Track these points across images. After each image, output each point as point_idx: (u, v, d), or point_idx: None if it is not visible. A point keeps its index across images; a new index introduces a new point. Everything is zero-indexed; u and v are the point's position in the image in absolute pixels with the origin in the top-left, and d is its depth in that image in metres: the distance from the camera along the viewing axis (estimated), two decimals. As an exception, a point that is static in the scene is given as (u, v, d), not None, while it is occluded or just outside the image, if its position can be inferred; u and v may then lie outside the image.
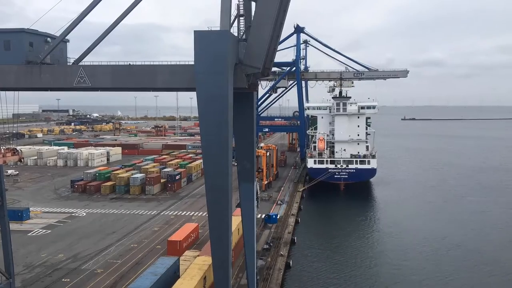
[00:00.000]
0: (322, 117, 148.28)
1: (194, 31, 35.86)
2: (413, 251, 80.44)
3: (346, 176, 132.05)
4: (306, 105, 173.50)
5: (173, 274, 53.48)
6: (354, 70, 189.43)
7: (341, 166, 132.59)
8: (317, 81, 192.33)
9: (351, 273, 70.57)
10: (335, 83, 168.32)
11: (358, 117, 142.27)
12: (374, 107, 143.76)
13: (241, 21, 43.81)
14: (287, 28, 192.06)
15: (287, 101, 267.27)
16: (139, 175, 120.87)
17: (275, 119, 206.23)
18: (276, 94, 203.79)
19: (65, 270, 64.09)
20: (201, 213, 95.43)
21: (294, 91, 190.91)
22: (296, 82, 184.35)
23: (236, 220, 65.12)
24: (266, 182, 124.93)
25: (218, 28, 36.63)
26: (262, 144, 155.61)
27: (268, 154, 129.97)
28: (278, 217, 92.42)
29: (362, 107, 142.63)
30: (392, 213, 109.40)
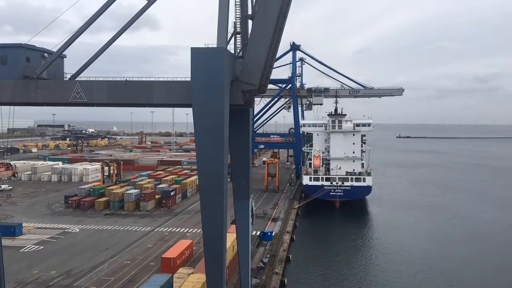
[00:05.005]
0: (317, 134, 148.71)
1: (191, 48, 36.14)
2: (409, 269, 79.91)
3: (342, 194, 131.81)
4: (301, 122, 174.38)
5: (167, 291, 52.86)
6: (350, 88, 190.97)
7: (336, 183, 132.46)
8: (309, 98, 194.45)
9: (346, 291, 70.00)
10: (311, 100, 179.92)
11: (354, 135, 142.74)
12: (369, 125, 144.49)
13: (237, 38, 44.20)
14: (283, 45, 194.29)
15: (283, 118, 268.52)
16: (133, 191, 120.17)
17: (271, 136, 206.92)
18: (273, 111, 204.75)
19: (57, 287, 63.19)
20: (195, 229, 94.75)
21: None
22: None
23: (230, 237, 64.72)
24: (278, 184, 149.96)
25: (215, 45, 36.90)
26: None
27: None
28: (273, 234, 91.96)
29: (358, 125, 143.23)
30: (387, 231, 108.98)
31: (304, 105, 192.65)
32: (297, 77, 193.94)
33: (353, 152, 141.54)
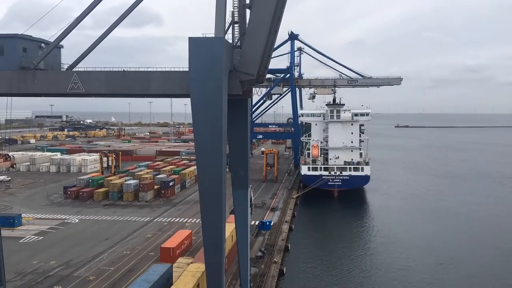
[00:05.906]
0: (316, 124, 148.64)
1: (189, 37, 35.92)
2: (407, 257, 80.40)
3: (340, 183, 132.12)
4: (300, 112, 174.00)
5: (166, 281, 53.13)
6: (348, 77, 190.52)
7: (334, 173, 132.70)
8: (310, 88, 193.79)
9: (345, 280, 70.49)
10: (315, 90, 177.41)
11: (352, 124, 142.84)
12: (367, 114, 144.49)
13: (235, 28, 43.97)
14: (282, 35, 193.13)
15: (281, 108, 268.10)
16: (132, 182, 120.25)
17: (269, 126, 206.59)
18: (271, 101, 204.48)
19: (57, 277, 63.49)
20: (194, 219, 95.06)
21: (288, 98, 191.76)
22: (290, 89, 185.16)
23: (229, 227, 64.93)
24: (276, 174, 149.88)
25: (213, 35, 36.70)
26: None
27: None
28: (272, 224, 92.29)
29: (356, 114, 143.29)
30: (385, 219, 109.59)
31: (309, 94, 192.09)
32: (296, 67, 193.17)
33: (352, 142, 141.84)
